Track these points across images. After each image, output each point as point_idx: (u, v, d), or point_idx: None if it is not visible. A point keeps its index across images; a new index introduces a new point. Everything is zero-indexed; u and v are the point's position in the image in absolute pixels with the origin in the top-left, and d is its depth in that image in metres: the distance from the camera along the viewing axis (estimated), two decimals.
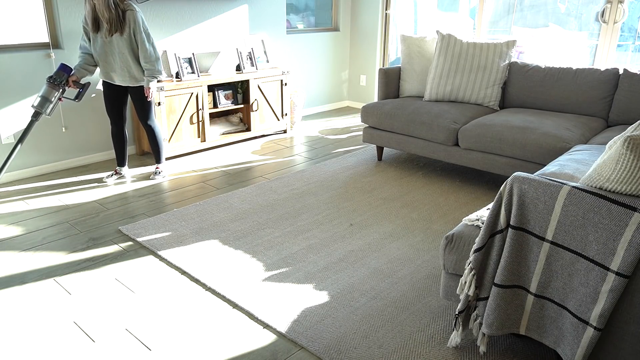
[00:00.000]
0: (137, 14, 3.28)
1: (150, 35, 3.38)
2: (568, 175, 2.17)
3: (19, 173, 3.73)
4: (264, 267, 2.53)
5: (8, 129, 3.61)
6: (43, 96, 3.21)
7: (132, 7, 3.28)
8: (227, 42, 4.80)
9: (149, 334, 2.04)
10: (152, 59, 3.38)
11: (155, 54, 3.40)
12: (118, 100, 3.56)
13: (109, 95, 3.53)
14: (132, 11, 3.27)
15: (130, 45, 3.35)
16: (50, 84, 3.22)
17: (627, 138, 1.48)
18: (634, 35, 4.30)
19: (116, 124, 3.63)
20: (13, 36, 3.63)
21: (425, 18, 5.69)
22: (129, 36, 3.32)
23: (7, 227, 2.98)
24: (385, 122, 3.89)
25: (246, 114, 4.74)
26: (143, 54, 3.36)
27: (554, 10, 4.63)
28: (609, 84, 3.52)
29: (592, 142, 3.11)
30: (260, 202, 3.33)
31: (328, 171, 3.91)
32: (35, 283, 2.40)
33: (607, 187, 1.53)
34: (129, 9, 3.27)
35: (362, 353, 1.92)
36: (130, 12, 3.27)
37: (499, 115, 3.55)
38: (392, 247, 2.73)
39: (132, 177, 3.81)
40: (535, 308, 1.72)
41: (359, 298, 2.27)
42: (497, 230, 1.75)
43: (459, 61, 3.90)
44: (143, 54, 3.36)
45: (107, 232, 2.93)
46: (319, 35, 5.75)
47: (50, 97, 3.22)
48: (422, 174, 3.87)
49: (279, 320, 2.11)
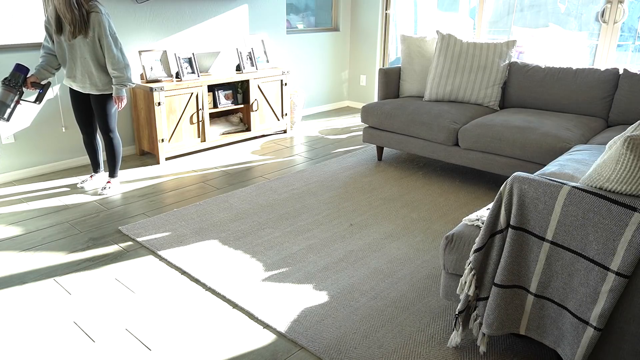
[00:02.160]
0: (102, 16, 3.04)
1: (118, 40, 3.17)
2: (568, 175, 2.17)
3: (19, 173, 3.73)
4: (264, 267, 2.53)
5: (8, 129, 3.61)
6: None
7: (97, 9, 3.04)
8: (227, 42, 4.80)
9: (149, 334, 2.04)
10: (121, 66, 3.15)
11: (124, 61, 3.17)
12: (84, 105, 3.35)
13: (74, 102, 3.35)
14: (97, 13, 3.03)
15: (93, 50, 3.12)
16: (5, 87, 3.01)
17: (627, 138, 1.48)
18: (634, 35, 4.30)
19: (86, 133, 3.45)
20: (13, 36, 3.63)
21: (425, 18, 5.69)
22: (93, 40, 3.09)
23: (7, 227, 2.98)
24: (385, 122, 3.89)
25: (246, 114, 4.73)
26: (110, 60, 3.13)
27: (554, 10, 4.63)
28: (609, 84, 3.52)
29: (592, 142, 3.11)
30: (260, 202, 3.32)
31: (328, 171, 3.91)
32: (35, 283, 2.40)
33: (607, 187, 1.53)
34: (93, 10, 3.03)
35: (362, 353, 1.92)
36: (94, 14, 3.03)
37: (499, 115, 3.55)
38: (392, 247, 2.73)
39: (132, 178, 3.81)
40: (535, 308, 1.72)
41: (359, 298, 2.27)
42: (497, 230, 1.75)
43: (459, 61, 3.90)
44: (110, 60, 3.13)
45: (107, 232, 2.92)
46: (319, 35, 5.75)
47: (7, 101, 3.03)
48: (422, 174, 3.87)
49: (279, 320, 2.11)
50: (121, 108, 3.31)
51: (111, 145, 3.44)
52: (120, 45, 3.18)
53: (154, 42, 4.26)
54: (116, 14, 3.97)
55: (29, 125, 3.71)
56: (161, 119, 4.01)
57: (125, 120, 4.25)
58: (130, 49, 4.13)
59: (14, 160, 3.70)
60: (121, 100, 3.25)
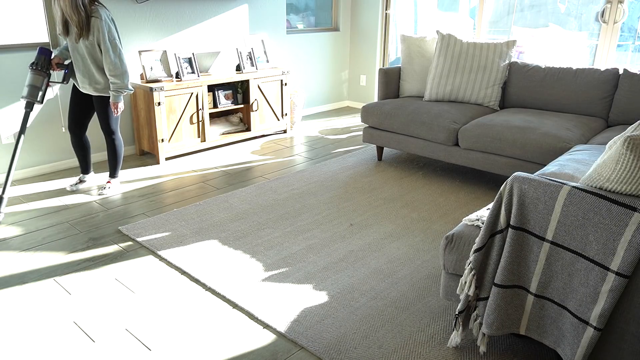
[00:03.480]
0: (101, 22, 3.03)
1: (118, 47, 3.13)
2: (568, 175, 2.17)
3: (19, 173, 3.73)
4: (264, 267, 2.53)
5: (8, 129, 3.61)
6: (31, 85, 3.09)
7: (98, 14, 3.04)
8: (227, 42, 4.80)
9: (149, 334, 2.04)
10: (118, 72, 3.13)
11: (122, 67, 3.14)
12: (82, 105, 3.35)
13: (74, 97, 3.34)
14: (97, 19, 3.03)
15: (93, 52, 3.14)
16: (35, 71, 3.09)
17: (627, 138, 1.48)
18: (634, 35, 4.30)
19: (74, 133, 3.41)
20: (13, 36, 3.63)
21: (425, 18, 5.69)
22: (92, 44, 3.10)
23: (7, 227, 2.98)
24: (385, 122, 3.89)
25: (246, 114, 4.73)
26: (107, 65, 3.12)
27: (554, 10, 4.63)
28: (609, 84, 3.52)
29: (592, 142, 3.11)
30: (260, 202, 3.32)
31: (328, 171, 3.91)
32: (35, 283, 2.40)
33: (607, 187, 1.53)
34: (93, 15, 3.04)
35: (362, 353, 1.92)
36: (94, 19, 3.03)
37: (499, 115, 3.55)
38: (392, 247, 2.73)
39: (132, 178, 3.81)
40: (535, 308, 1.72)
41: (359, 298, 2.27)
42: (497, 230, 1.75)
43: (459, 61, 3.90)
44: (107, 65, 3.12)
45: (107, 232, 2.92)
46: (319, 35, 5.75)
47: (39, 84, 3.10)
48: (422, 174, 3.87)
49: (279, 320, 2.11)
50: (117, 114, 3.29)
51: (113, 146, 3.42)
52: (119, 51, 3.14)
53: (154, 42, 4.26)
54: (116, 14, 3.97)
55: (29, 125, 3.71)
56: (161, 119, 4.01)
57: (125, 120, 4.25)
58: (130, 49, 4.13)
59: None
60: (116, 106, 3.24)
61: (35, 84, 3.10)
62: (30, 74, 3.11)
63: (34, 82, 3.10)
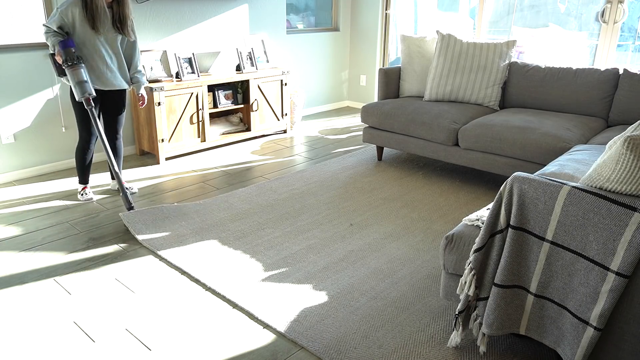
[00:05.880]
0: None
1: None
2: (568, 175, 2.17)
3: (19, 173, 3.73)
4: (264, 267, 2.53)
5: (8, 129, 3.61)
6: (79, 81, 2.93)
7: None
8: (227, 42, 4.80)
9: (149, 334, 2.04)
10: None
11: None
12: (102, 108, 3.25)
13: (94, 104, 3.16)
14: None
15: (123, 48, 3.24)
16: (71, 67, 2.93)
17: (627, 138, 1.48)
18: (634, 35, 4.30)
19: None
20: (13, 36, 3.63)
21: (425, 18, 5.69)
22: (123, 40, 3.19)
23: (7, 227, 2.98)
24: (385, 122, 3.89)
25: (246, 114, 4.73)
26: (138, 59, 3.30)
27: (554, 10, 4.63)
28: (609, 84, 3.52)
29: (592, 142, 3.11)
30: (260, 202, 3.32)
31: (328, 171, 3.91)
32: (35, 283, 2.40)
33: (607, 187, 1.53)
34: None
35: (362, 353, 1.92)
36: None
37: (499, 115, 3.55)
38: (392, 247, 2.73)
39: (132, 178, 3.81)
40: (535, 308, 1.72)
41: (359, 298, 2.27)
42: (497, 230, 1.75)
43: (459, 61, 3.90)
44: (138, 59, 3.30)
45: (107, 232, 2.92)
46: (319, 35, 5.75)
47: (83, 78, 2.96)
48: (422, 174, 3.87)
49: (278, 320, 2.11)
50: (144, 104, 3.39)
51: (120, 147, 3.38)
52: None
53: (154, 42, 4.26)
54: None
55: (29, 125, 3.71)
56: (161, 119, 4.01)
57: (126, 120, 4.25)
58: None
59: (14, 160, 3.70)
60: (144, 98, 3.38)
61: (79, 78, 2.95)
62: (70, 72, 2.94)
63: (79, 78, 2.94)
